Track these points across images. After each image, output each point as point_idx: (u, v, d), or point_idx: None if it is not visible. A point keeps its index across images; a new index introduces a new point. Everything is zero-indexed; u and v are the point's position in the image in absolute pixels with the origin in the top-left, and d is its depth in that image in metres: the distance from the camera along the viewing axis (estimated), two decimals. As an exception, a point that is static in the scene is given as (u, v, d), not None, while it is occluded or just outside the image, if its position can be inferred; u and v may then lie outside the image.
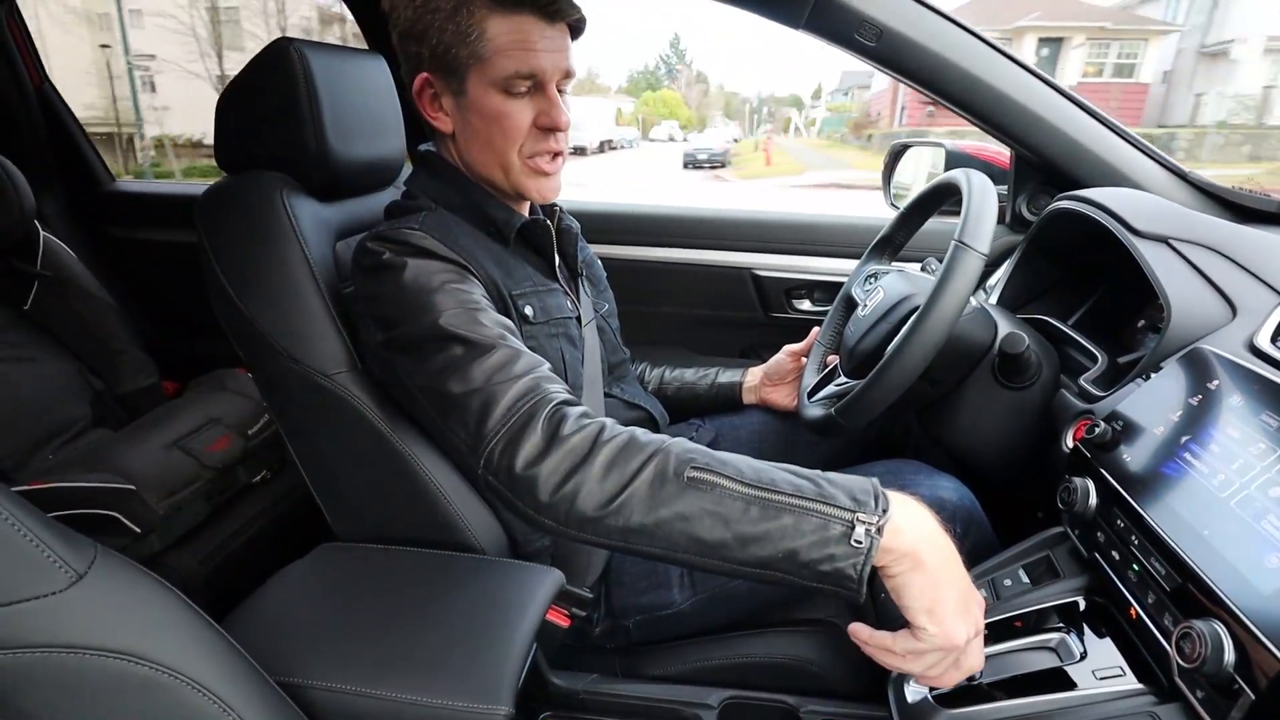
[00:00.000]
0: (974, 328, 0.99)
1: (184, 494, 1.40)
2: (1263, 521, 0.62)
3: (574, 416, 0.72)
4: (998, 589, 0.86)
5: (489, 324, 0.81)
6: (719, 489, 0.66)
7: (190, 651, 0.66)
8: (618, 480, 0.67)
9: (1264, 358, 0.76)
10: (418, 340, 0.81)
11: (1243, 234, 0.96)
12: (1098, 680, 0.72)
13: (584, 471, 0.68)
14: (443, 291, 0.83)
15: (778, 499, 0.65)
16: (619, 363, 1.17)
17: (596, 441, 0.69)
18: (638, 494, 0.66)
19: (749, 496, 0.65)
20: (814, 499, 0.65)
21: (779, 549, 0.64)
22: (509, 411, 0.72)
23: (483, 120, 0.92)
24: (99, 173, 2.07)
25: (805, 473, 0.68)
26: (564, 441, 0.69)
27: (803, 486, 0.66)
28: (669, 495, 0.66)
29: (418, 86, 0.92)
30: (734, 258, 1.71)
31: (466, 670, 0.83)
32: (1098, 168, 1.21)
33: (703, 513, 0.65)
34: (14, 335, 1.68)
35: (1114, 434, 0.81)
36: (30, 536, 0.57)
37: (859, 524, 0.63)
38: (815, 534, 0.63)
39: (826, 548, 0.63)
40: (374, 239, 0.90)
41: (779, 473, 0.68)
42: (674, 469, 0.67)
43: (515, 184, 0.96)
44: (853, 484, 0.67)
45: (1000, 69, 1.17)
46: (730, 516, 0.65)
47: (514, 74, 0.88)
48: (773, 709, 0.99)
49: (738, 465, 0.68)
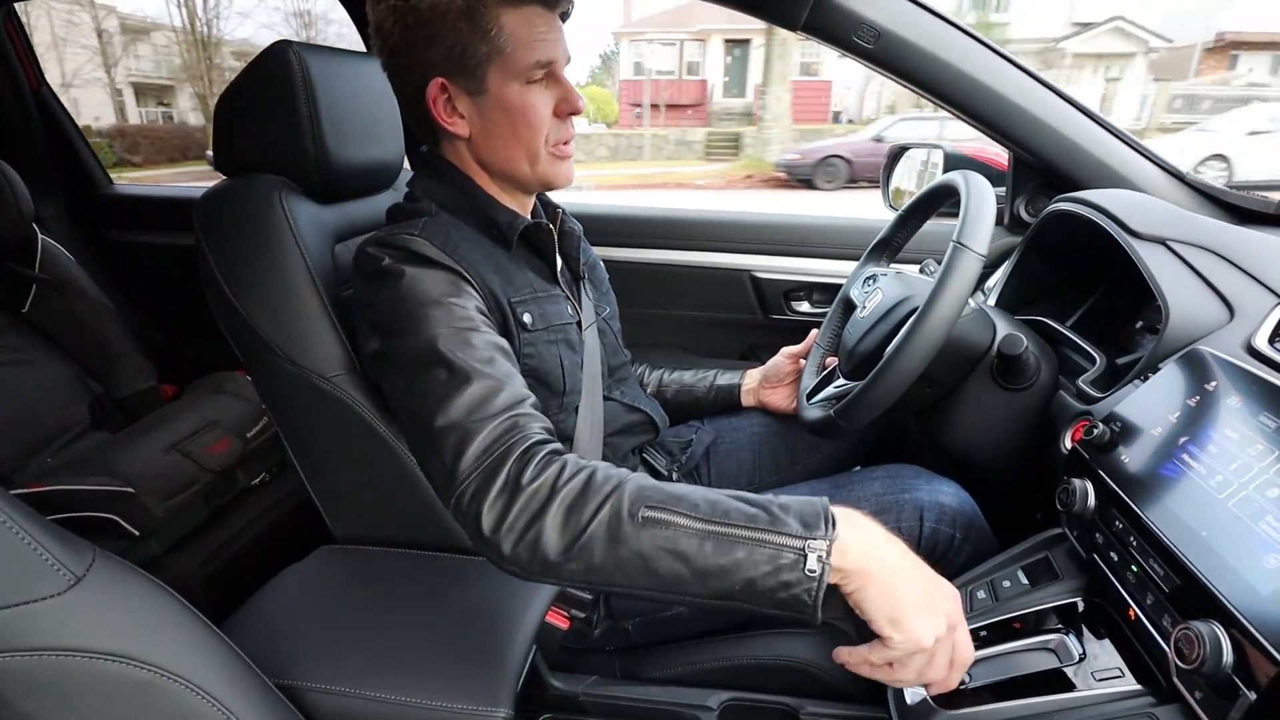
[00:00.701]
0: (972, 329, 0.99)
1: (183, 497, 1.40)
2: (1261, 522, 0.62)
3: (536, 461, 0.73)
4: (996, 590, 0.86)
5: (479, 346, 0.82)
6: (674, 527, 0.67)
7: (189, 654, 0.66)
8: (576, 526, 0.69)
9: (1262, 359, 0.76)
10: (406, 359, 0.82)
11: (1240, 235, 0.96)
12: (1096, 681, 0.72)
13: (543, 520, 0.69)
14: (437, 307, 0.83)
15: (731, 532, 0.66)
16: (619, 365, 1.17)
17: (554, 487, 0.70)
18: (596, 537, 0.68)
19: (704, 532, 0.67)
20: (766, 529, 0.66)
21: (736, 580, 0.66)
22: (480, 456, 0.74)
23: (507, 114, 0.92)
24: (97, 176, 2.07)
25: (757, 500, 0.69)
26: (523, 491, 0.71)
27: (755, 517, 0.67)
28: (626, 536, 0.67)
29: (432, 93, 0.91)
30: (733, 259, 1.71)
31: (466, 672, 0.83)
32: (1096, 169, 1.21)
33: (660, 551, 0.67)
34: (12, 339, 1.68)
35: (1112, 435, 0.81)
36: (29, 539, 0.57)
37: (809, 552, 0.64)
38: (769, 564, 0.65)
39: (780, 575, 0.65)
40: (374, 244, 0.90)
41: (732, 503, 0.69)
42: (629, 509, 0.68)
43: (542, 173, 0.96)
44: (803, 508, 0.68)
45: (998, 71, 1.17)
46: (687, 553, 0.66)
47: (534, 64, 0.89)
48: (773, 710, 0.99)
49: (692, 500, 0.69)
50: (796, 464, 1.28)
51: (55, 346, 1.75)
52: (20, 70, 1.92)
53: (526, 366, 0.94)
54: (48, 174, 1.99)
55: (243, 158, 1.05)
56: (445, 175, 0.98)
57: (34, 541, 0.57)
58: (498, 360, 0.82)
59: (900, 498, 1.02)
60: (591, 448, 1.03)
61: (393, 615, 0.89)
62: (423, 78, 0.91)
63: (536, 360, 0.96)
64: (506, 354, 0.85)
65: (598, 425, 1.05)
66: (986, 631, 0.83)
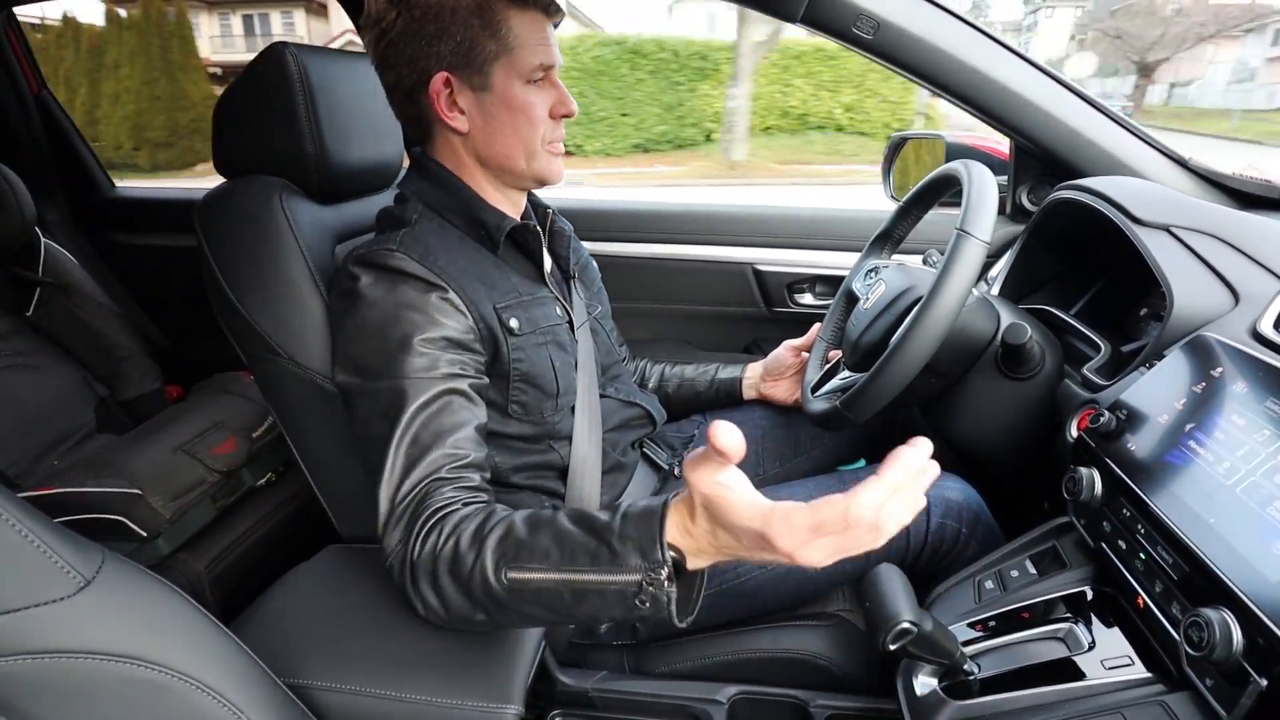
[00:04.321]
0: (976, 319, 0.99)
1: (190, 497, 1.40)
2: (1269, 508, 0.62)
3: (425, 530, 0.78)
4: (1005, 580, 0.86)
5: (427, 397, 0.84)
6: (533, 584, 0.72)
7: (199, 655, 0.66)
8: (464, 592, 0.75)
9: (1267, 344, 0.76)
10: (364, 408, 0.87)
11: (1244, 220, 0.96)
12: (1106, 670, 0.72)
13: (440, 589, 0.76)
14: (402, 350, 0.85)
15: (581, 579, 0.70)
16: (613, 363, 1.17)
17: (435, 556, 0.76)
18: (480, 601, 0.75)
19: (559, 581, 0.71)
20: (608, 568, 0.69)
21: (600, 616, 0.72)
22: (401, 535, 0.80)
23: (509, 111, 0.93)
24: (99, 179, 2.07)
25: (600, 528, 0.71)
26: (418, 565, 0.78)
27: (599, 555, 0.70)
28: (501, 597, 0.73)
29: (436, 88, 0.91)
30: (735, 253, 1.71)
31: (476, 669, 0.83)
32: (1098, 157, 1.20)
33: (535, 608, 0.73)
34: (17, 343, 1.68)
35: (1118, 423, 0.81)
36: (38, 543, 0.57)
37: (646, 586, 0.67)
38: (619, 599, 0.69)
39: (633, 606, 0.69)
40: (355, 261, 0.91)
41: (579, 537, 0.72)
42: (494, 575, 0.73)
43: (536, 169, 0.97)
44: (641, 535, 0.68)
45: (999, 60, 1.17)
46: (553, 605, 0.72)
47: (538, 65, 0.92)
48: (782, 703, 0.99)
49: (543, 546, 0.72)
50: (800, 456, 1.28)
51: (60, 350, 1.76)
52: (21, 74, 1.92)
53: (518, 371, 0.95)
54: (50, 177, 1.99)
55: (243, 159, 1.05)
56: (435, 175, 0.98)
57: (43, 544, 0.57)
58: (448, 411, 0.85)
59: None
60: (590, 446, 1.03)
61: (401, 614, 0.89)
62: (425, 71, 0.91)
63: (527, 364, 0.96)
64: (463, 395, 0.87)
65: (595, 423, 1.05)
66: (995, 621, 0.83)
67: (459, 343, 0.89)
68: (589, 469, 1.02)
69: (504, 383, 0.95)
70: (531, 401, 0.97)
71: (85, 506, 1.32)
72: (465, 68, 0.90)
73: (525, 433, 0.98)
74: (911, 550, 1.01)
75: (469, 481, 0.84)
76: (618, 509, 0.72)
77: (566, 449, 1.01)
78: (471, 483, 0.84)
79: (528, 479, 1.00)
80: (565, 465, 1.01)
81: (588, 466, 1.02)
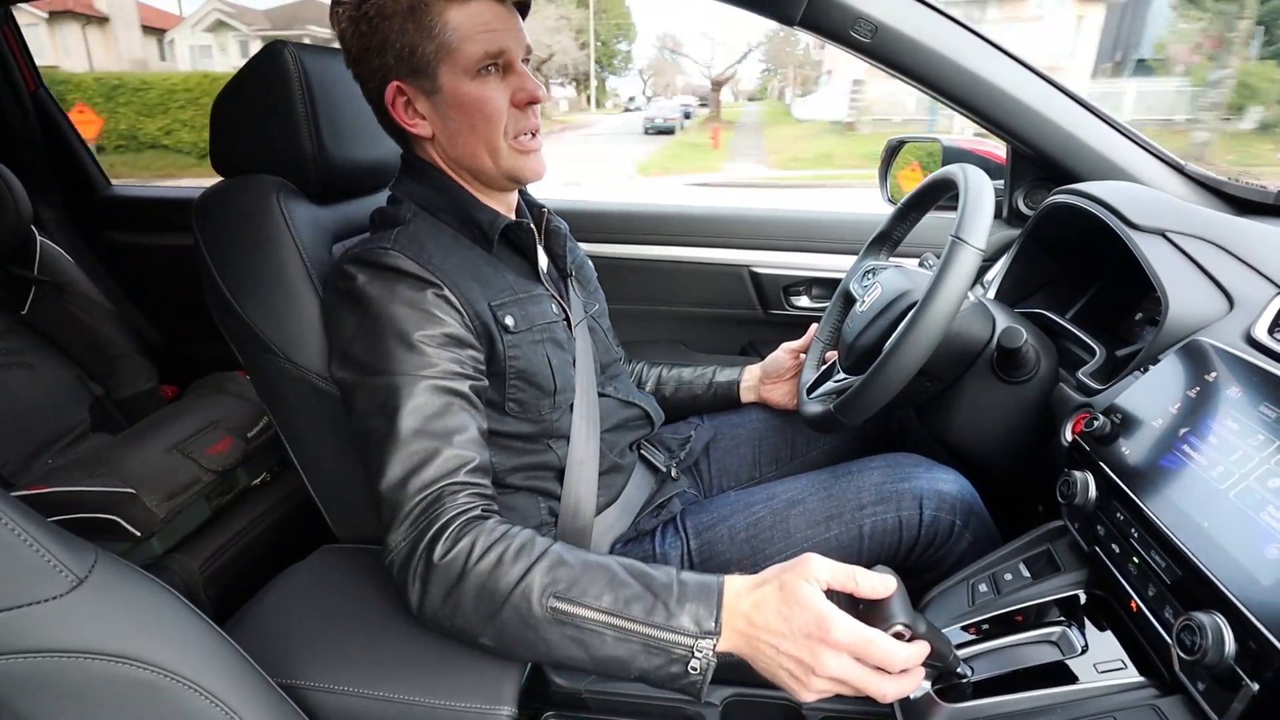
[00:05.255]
0: (972, 323, 0.99)
1: (184, 497, 1.40)
2: (1262, 513, 0.62)
3: (448, 536, 0.78)
4: (998, 583, 0.86)
5: (432, 396, 0.84)
6: (579, 620, 0.73)
7: (192, 654, 0.66)
8: (487, 608, 0.75)
9: (1261, 349, 0.76)
10: (364, 398, 0.87)
11: (1239, 226, 0.96)
12: (1099, 673, 0.72)
13: (456, 597, 0.76)
14: (402, 347, 0.85)
15: (630, 628, 0.72)
16: (611, 362, 1.17)
17: (465, 567, 0.76)
18: (508, 622, 0.75)
19: (605, 624, 0.73)
20: (662, 629, 0.72)
21: (630, 670, 0.73)
22: (405, 532, 0.80)
23: (462, 110, 0.92)
24: (95, 178, 2.07)
25: (659, 587, 0.74)
26: (436, 569, 0.77)
27: (654, 612, 0.72)
28: (535, 623, 0.74)
29: (390, 97, 0.92)
30: (731, 255, 1.71)
31: (469, 670, 0.83)
32: (1094, 161, 1.21)
33: (564, 640, 0.74)
34: (12, 341, 1.68)
35: (1113, 427, 0.81)
36: (31, 541, 0.57)
37: (697, 653, 0.71)
38: (660, 660, 0.72)
39: (670, 668, 0.72)
40: (350, 260, 0.91)
41: (635, 587, 0.74)
42: (538, 598, 0.74)
43: (505, 168, 0.96)
44: (698, 605, 0.72)
45: (996, 64, 1.17)
46: (589, 644, 0.73)
47: (483, 55, 0.89)
48: (775, 705, 0.99)
49: (599, 586, 0.74)
50: (796, 459, 1.28)
51: (55, 348, 1.75)
52: (17, 73, 1.91)
53: (514, 369, 0.95)
54: (46, 176, 1.99)
55: (240, 159, 1.05)
56: (424, 175, 0.98)
57: (36, 543, 0.57)
58: (451, 411, 0.85)
59: (899, 487, 1.02)
60: (588, 445, 1.03)
61: (395, 614, 0.89)
62: (381, 83, 0.92)
63: (523, 362, 0.96)
64: (463, 397, 0.87)
65: (593, 422, 1.05)
66: (988, 625, 0.83)
67: (458, 339, 0.89)
68: (586, 470, 1.02)
69: (500, 380, 0.94)
70: (529, 399, 0.97)
71: (79, 506, 1.31)
72: (411, 73, 0.90)
73: (523, 431, 0.98)
74: (905, 543, 1.01)
75: (483, 488, 0.84)
76: (672, 572, 0.76)
77: (564, 449, 1.01)
78: (486, 489, 0.85)
79: (525, 480, 1.00)
80: (562, 466, 1.01)
81: (585, 468, 1.02)
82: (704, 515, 1.08)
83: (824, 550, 0.99)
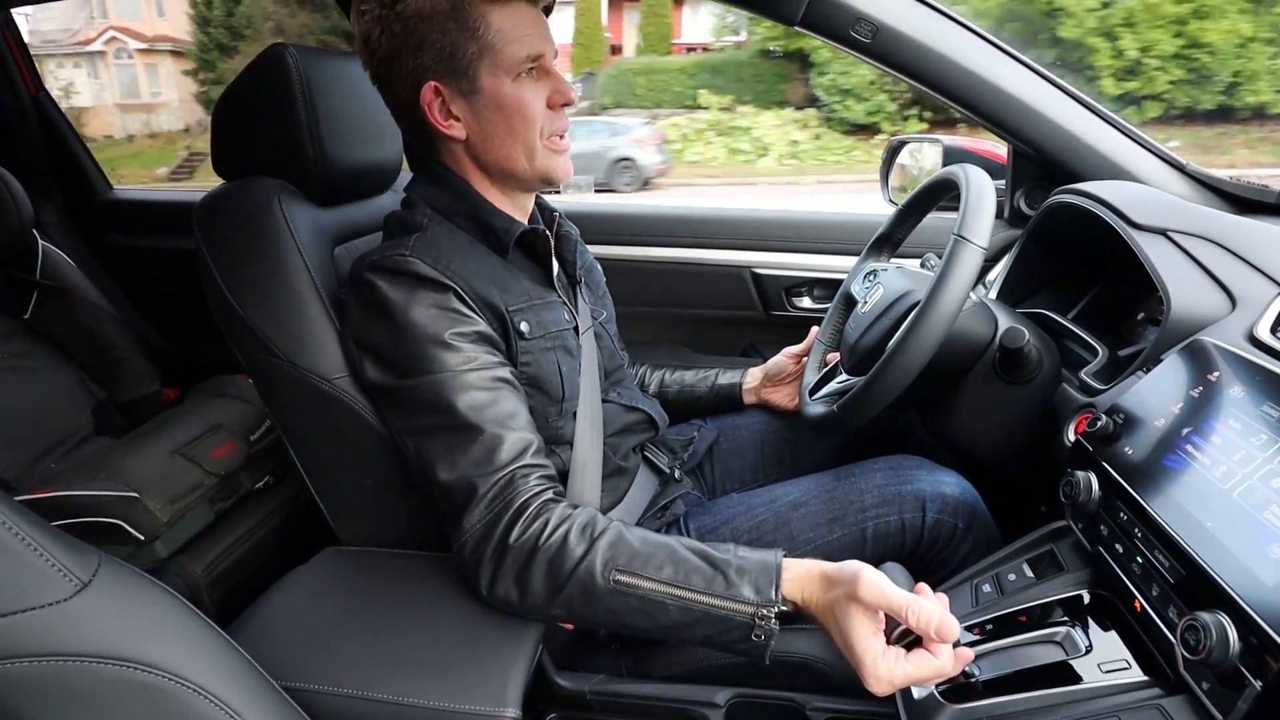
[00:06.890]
0: (974, 323, 0.99)
1: (187, 500, 1.40)
2: (1265, 512, 0.62)
3: (525, 518, 0.82)
4: (1002, 584, 0.86)
5: (483, 388, 0.87)
6: (641, 590, 0.78)
7: (196, 658, 0.66)
8: (555, 582, 0.80)
9: (1264, 348, 0.76)
10: (411, 401, 0.88)
11: (1241, 225, 0.96)
12: (1103, 673, 0.72)
13: (527, 574, 0.81)
14: (440, 347, 0.87)
15: (693, 599, 0.78)
16: (616, 368, 1.17)
17: (536, 545, 0.81)
18: (573, 595, 0.80)
19: (668, 595, 0.78)
20: (722, 596, 0.77)
21: (695, 636, 0.79)
22: (481, 514, 0.84)
23: (501, 111, 0.92)
24: (97, 181, 2.07)
25: (719, 560, 0.80)
26: (510, 549, 0.82)
27: (714, 581, 0.78)
28: (599, 595, 0.79)
29: (427, 98, 0.91)
30: (733, 256, 1.71)
31: (473, 672, 0.83)
32: (1095, 161, 1.21)
33: (629, 610, 0.80)
34: (15, 345, 1.68)
35: (1115, 427, 0.81)
36: (34, 545, 0.57)
37: (758, 622, 0.76)
38: (723, 624, 0.77)
39: (734, 634, 0.77)
40: (369, 268, 0.91)
41: (694, 561, 0.79)
42: (601, 572, 0.79)
43: (540, 169, 0.96)
44: (758, 574, 0.78)
45: (996, 64, 1.17)
46: (654, 613, 0.79)
47: (525, 57, 0.90)
48: (780, 707, 0.99)
49: (659, 560, 0.80)
50: (799, 461, 1.28)
51: (58, 352, 1.75)
52: (18, 76, 1.92)
53: (525, 374, 0.95)
54: (47, 180, 1.99)
55: (241, 161, 1.05)
56: (442, 180, 0.98)
57: (39, 547, 0.57)
58: (501, 399, 0.88)
59: (902, 489, 1.02)
60: (591, 451, 1.03)
61: (399, 616, 0.89)
62: (415, 84, 0.91)
63: (534, 368, 0.96)
64: (509, 384, 0.90)
65: (597, 428, 1.05)
66: (992, 625, 0.83)
67: (487, 337, 0.91)
68: (589, 474, 1.02)
69: None
70: (536, 406, 0.97)
71: (82, 510, 1.31)
72: (450, 74, 0.90)
73: None
74: (907, 545, 1.01)
75: (547, 469, 0.88)
76: (730, 548, 0.81)
77: (568, 454, 1.01)
78: (550, 471, 0.89)
79: None
80: (565, 470, 1.01)
81: (588, 471, 1.02)
82: (707, 517, 1.08)
83: (826, 553, 0.99)
